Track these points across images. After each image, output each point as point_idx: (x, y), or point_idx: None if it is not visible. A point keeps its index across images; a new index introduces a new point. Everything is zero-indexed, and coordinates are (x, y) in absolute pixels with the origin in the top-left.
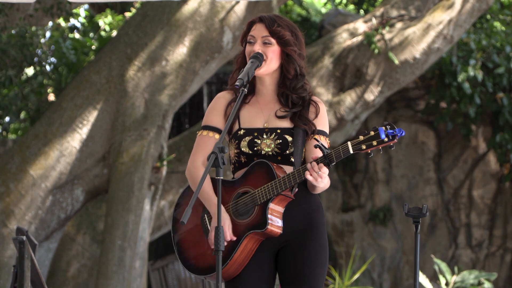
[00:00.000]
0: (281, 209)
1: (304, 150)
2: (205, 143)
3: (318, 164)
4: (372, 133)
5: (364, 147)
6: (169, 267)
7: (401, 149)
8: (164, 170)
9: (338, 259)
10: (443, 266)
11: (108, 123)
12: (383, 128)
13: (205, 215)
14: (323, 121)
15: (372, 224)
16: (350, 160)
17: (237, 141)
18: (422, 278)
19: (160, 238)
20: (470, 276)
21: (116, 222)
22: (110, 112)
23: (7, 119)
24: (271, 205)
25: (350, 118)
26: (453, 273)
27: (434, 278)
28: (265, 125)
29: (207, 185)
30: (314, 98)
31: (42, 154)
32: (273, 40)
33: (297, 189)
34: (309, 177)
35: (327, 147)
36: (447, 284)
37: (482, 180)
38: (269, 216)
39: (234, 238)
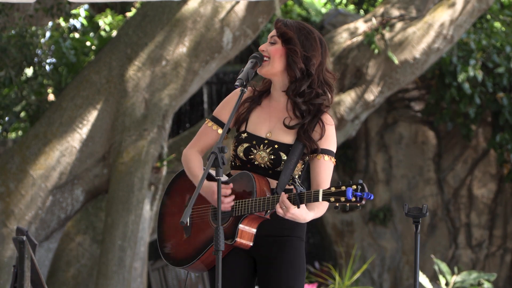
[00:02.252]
0: (253, 227)
1: (300, 168)
2: (206, 134)
3: (289, 201)
4: (343, 188)
5: (332, 199)
6: (169, 267)
7: (401, 149)
8: (164, 170)
9: (338, 259)
10: (443, 266)
11: (108, 123)
12: (352, 188)
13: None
14: (329, 142)
15: (372, 224)
16: (350, 160)
17: (236, 144)
18: (422, 278)
19: None
20: (470, 277)
21: (116, 222)
22: (110, 112)
23: (7, 119)
24: (244, 222)
25: (350, 118)
26: (453, 273)
27: (434, 278)
28: (268, 135)
29: (198, 167)
30: (324, 117)
31: (42, 154)
32: (278, 39)
33: (273, 211)
34: (278, 211)
35: (302, 185)
36: (447, 284)
37: (482, 180)
38: (239, 230)
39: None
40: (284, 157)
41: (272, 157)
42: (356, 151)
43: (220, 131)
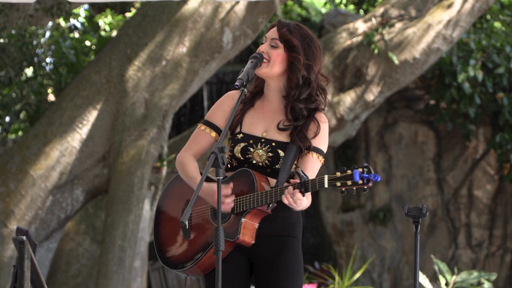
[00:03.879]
0: (256, 222)
1: (294, 166)
2: (200, 138)
3: (294, 189)
4: (349, 172)
5: (339, 184)
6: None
7: (401, 149)
8: (164, 170)
9: (338, 259)
10: (443, 266)
11: (108, 123)
12: (359, 170)
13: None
14: (321, 140)
15: (372, 224)
16: (350, 160)
17: (232, 144)
18: (422, 278)
19: None
20: (470, 276)
21: (116, 222)
22: (110, 112)
23: (7, 119)
24: (246, 217)
25: (350, 118)
26: (453, 273)
27: (434, 278)
28: (264, 134)
29: (195, 170)
30: (318, 116)
31: (42, 154)
32: (280, 44)
33: (275, 205)
34: (285, 200)
35: (306, 174)
36: (447, 284)
37: (482, 180)
38: (242, 227)
39: (231, 198)
40: (282, 154)
41: (270, 155)
42: (356, 151)
43: (213, 134)
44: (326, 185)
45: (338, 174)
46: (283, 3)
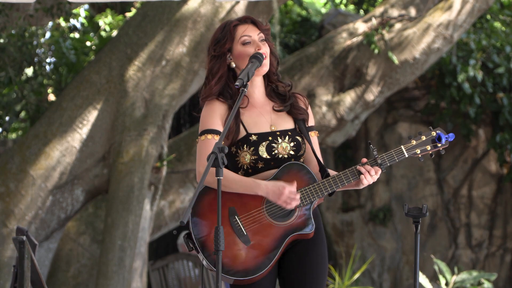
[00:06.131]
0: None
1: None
2: (211, 146)
3: (372, 167)
4: (423, 137)
5: (418, 151)
6: (169, 267)
7: None
8: (164, 170)
9: (338, 259)
10: (443, 266)
11: (108, 123)
12: (442, 133)
13: (236, 217)
14: (311, 118)
15: (372, 224)
16: (350, 160)
17: (253, 147)
18: (422, 278)
19: (160, 238)
20: (470, 276)
21: (116, 222)
22: (110, 112)
23: (7, 119)
24: (313, 207)
25: (350, 118)
26: (453, 273)
27: (434, 278)
28: (273, 128)
29: (233, 173)
30: (296, 92)
31: (42, 154)
32: (263, 37)
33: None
34: (364, 181)
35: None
36: (447, 284)
37: (482, 180)
38: (313, 218)
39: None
40: (299, 138)
41: (293, 144)
42: (356, 151)
43: None
44: (406, 155)
45: (413, 142)
46: (282, 3)
